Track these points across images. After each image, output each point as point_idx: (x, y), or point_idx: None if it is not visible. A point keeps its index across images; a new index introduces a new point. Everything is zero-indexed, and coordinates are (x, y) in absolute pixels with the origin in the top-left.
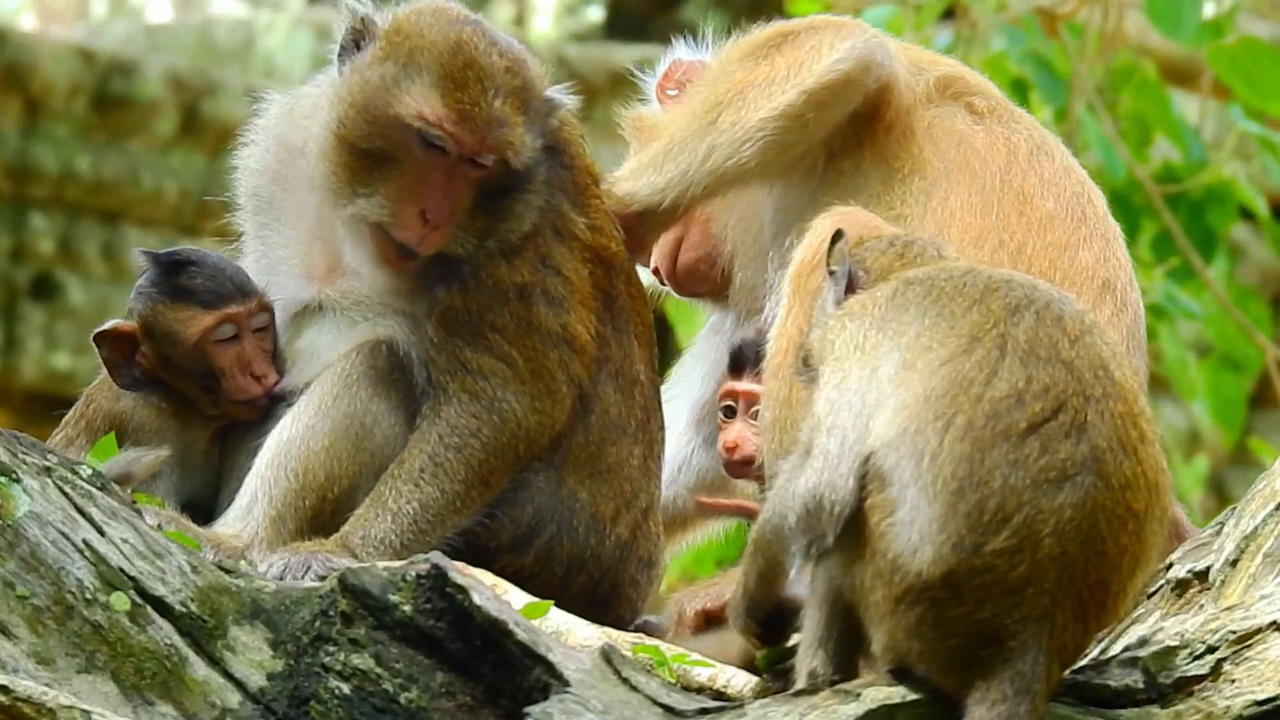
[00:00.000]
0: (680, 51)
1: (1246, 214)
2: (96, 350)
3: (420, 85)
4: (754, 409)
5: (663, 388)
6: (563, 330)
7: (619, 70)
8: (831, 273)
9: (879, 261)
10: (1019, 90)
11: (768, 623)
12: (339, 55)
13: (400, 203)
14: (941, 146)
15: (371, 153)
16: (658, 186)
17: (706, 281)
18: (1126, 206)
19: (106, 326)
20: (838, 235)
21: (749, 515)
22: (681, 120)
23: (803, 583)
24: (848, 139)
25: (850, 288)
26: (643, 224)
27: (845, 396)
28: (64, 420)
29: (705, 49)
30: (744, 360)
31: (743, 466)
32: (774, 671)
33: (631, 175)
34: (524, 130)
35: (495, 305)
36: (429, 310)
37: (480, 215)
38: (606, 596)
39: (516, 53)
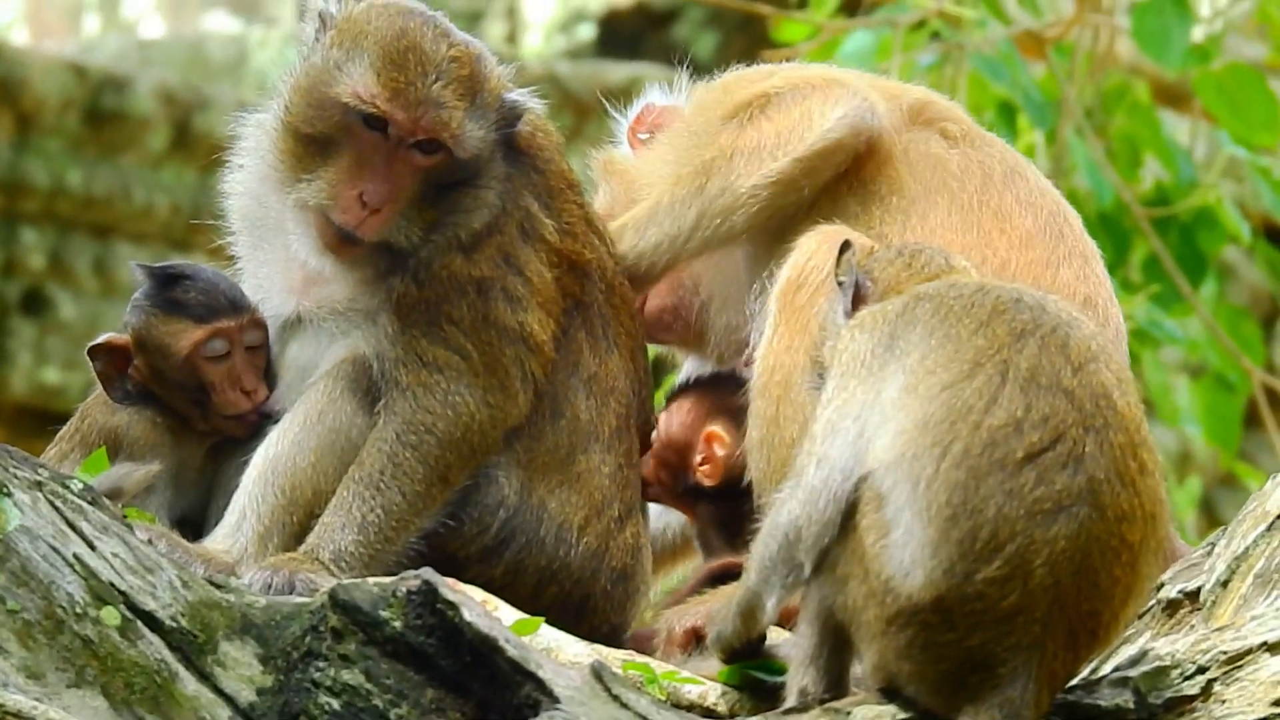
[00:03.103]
0: (653, 95)
1: None
2: (91, 364)
3: (360, 66)
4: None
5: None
6: (520, 328)
7: (611, 88)
8: (840, 283)
9: (886, 271)
10: (1006, 113)
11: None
12: (299, 51)
13: (339, 185)
14: (918, 169)
15: (315, 138)
16: (643, 252)
17: (671, 331)
18: (1116, 229)
19: (100, 340)
20: (845, 246)
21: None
22: (664, 183)
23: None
24: (826, 181)
25: (858, 298)
26: None
27: (844, 423)
28: (59, 435)
29: (679, 94)
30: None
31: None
32: (757, 689)
33: (614, 239)
34: (465, 117)
35: (453, 297)
36: (385, 302)
37: (428, 208)
38: (579, 608)
39: (470, 47)
